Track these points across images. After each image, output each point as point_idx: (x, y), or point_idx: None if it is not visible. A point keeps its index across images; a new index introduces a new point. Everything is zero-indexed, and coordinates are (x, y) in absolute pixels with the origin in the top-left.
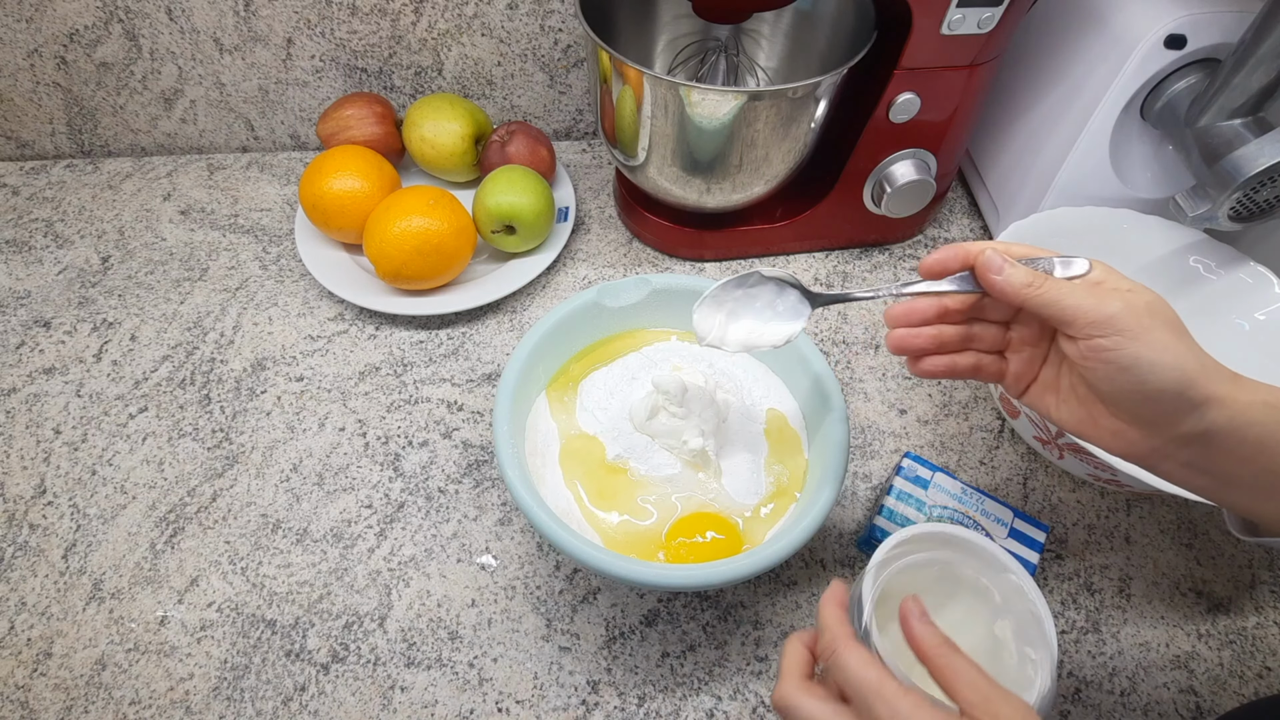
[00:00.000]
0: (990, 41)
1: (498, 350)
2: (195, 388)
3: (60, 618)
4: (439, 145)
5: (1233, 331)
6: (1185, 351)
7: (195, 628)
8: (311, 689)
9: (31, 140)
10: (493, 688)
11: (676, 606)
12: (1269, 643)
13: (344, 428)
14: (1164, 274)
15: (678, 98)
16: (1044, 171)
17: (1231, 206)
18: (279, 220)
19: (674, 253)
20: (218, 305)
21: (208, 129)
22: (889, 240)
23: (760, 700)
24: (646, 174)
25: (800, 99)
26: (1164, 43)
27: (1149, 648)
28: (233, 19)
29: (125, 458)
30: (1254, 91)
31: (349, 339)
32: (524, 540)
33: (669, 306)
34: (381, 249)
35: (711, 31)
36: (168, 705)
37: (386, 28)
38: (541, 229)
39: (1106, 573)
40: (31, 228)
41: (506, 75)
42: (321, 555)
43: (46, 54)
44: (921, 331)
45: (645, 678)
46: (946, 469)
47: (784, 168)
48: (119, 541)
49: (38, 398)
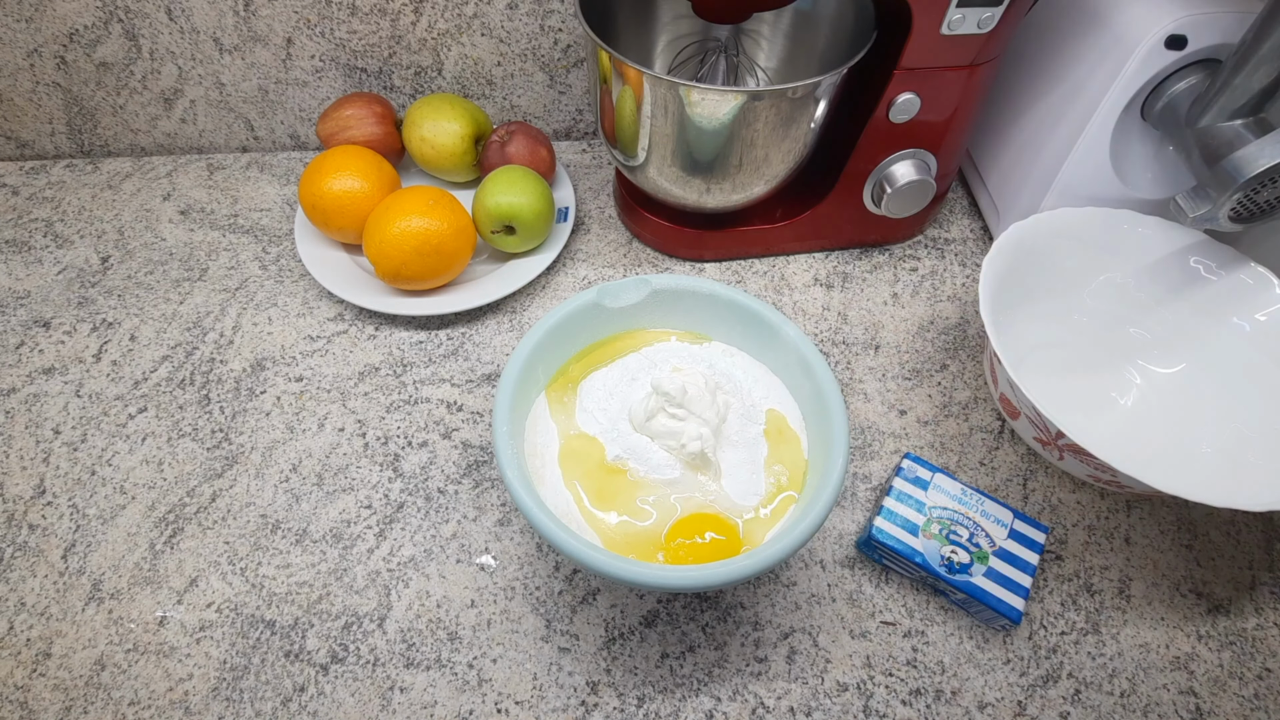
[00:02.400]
0: (990, 41)
1: (497, 350)
2: (195, 388)
3: (59, 618)
4: (439, 145)
5: (1233, 332)
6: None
7: (194, 628)
8: (311, 689)
9: (31, 140)
10: (492, 688)
11: (676, 607)
12: (1269, 644)
13: (343, 428)
14: (1164, 274)
15: (678, 98)
16: (1044, 172)
17: (1232, 207)
18: (279, 220)
19: (674, 253)
20: (217, 305)
21: (208, 129)
22: (889, 240)
23: (760, 701)
24: (646, 174)
25: (800, 99)
26: (1164, 43)
27: (1149, 649)
28: (233, 19)
29: (125, 458)
30: (1255, 92)
31: (349, 339)
32: (523, 541)
33: (669, 307)
34: (381, 249)
35: (711, 31)
36: (167, 706)
37: (386, 28)
38: (541, 229)
39: (1106, 574)
40: (31, 228)
41: (506, 75)
42: (321, 556)
43: (46, 54)
44: None
45: (645, 678)
46: (947, 469)
47: (784, 168)
48: (118, 542)
49: (37, 398)
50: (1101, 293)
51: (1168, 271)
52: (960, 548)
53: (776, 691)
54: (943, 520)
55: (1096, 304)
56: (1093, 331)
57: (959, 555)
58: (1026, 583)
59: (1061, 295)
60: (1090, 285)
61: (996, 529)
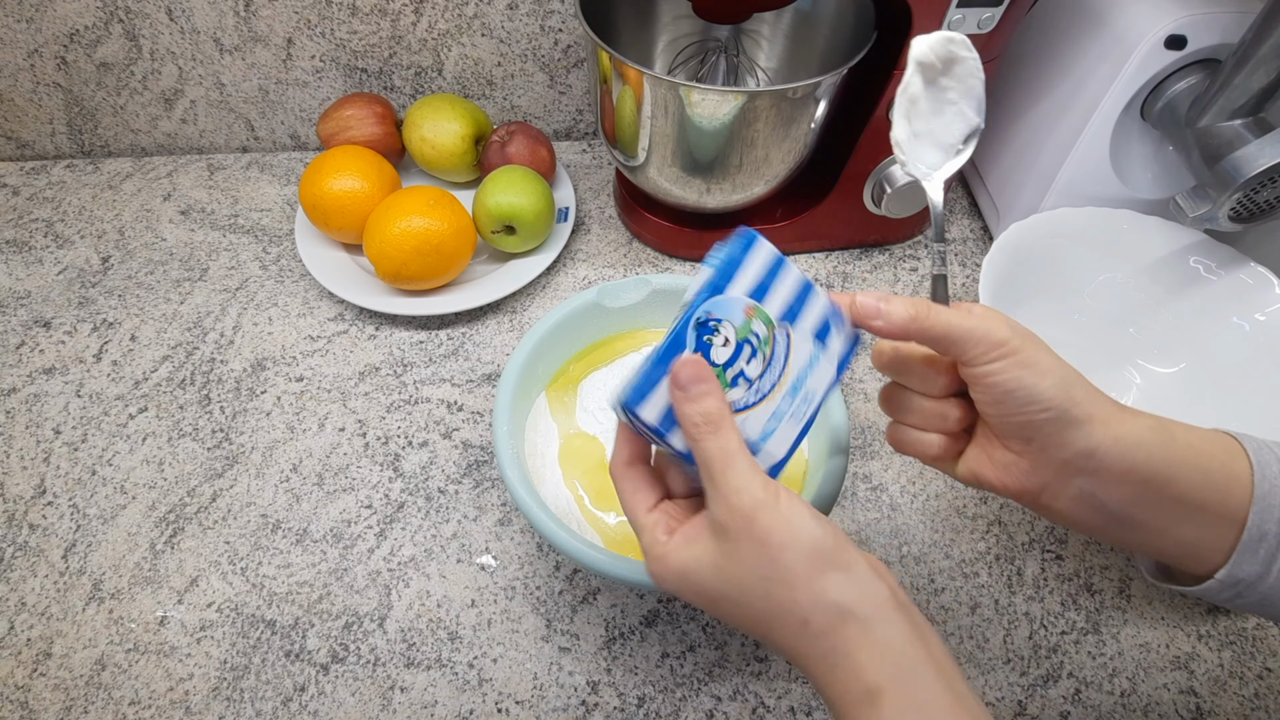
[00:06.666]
0: (990, 41)
1: (498, 350)
2: (195, 388)
3: (60, 618)
4: (439, 145)
5: (1233, 332)
6: (1068, 373)
7: (195, 628)
8: (311, 689)
9: (31, 140)
10: (492, 688)
11: (676, 607)
12: (1269, 643)
13: (344, 428)
14: (1164, 274)
15: (678, 98)
16: (1044, 171)
17: (1232, 207)
18: (279, 220)
19: (674, 253)
20: (218, 305)
21: (208, 129)
22: (889, 241)
23: (760, 701)
24: (646, 174)
25: (800, 99)
26: (1164, 43)
27: (1149, 648)
28: (233, 19)
29: (125, 458)
30: (1254, 92)
31: (349, 339)
32: (524, 540)
33: (669, 307)
34: (381, 249)
35: (711, 32)
36: (167, 705)
37: (386, 28)
38: (541, 229)
39: (1107, 573)
40: (31, 228)
41: (506, 75)
42: (321, 555)
43: (47, 54)
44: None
45: (645, 678)
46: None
47: (784, 168)
48: (119, 542)
49: (38, 398)
50: (1101, 293)
51: (1168, 271)
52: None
53: (777, 691)
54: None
55: (1096, 304)
56: (1092, 331)
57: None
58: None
59: (1061, 295)
60: (1090, 285)
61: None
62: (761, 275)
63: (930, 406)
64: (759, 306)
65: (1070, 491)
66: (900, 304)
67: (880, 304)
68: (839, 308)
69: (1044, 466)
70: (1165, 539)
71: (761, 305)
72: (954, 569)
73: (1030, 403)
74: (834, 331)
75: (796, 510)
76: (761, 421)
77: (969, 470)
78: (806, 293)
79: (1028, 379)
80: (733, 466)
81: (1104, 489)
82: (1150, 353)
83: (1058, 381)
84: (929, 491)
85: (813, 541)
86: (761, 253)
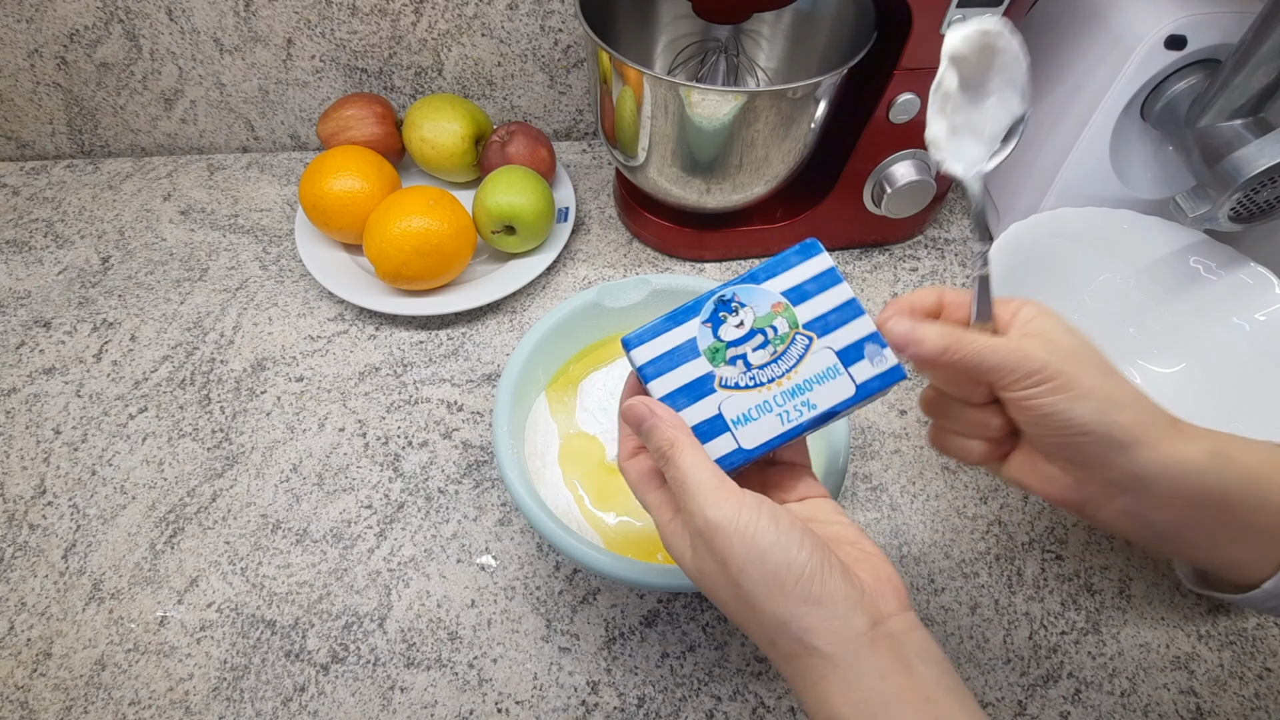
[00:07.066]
0: None
1: (498, 350)
2: (195, 388)
3: (60, 618)
4: (439, 145)
5: (1233, 332)
6: (1115, 392)
7: (195, 628)
8: (311, 689)
9: (31, 140)
10: (492, 688)
11: (676, 607)
12: (1269, 643)
13: (344, 428)
14: (1164, 274)
15: (678, 98)
16: (1044, 171)
17: (1232, 207)
18: (279, 220)
19: (674, 253)
20: (218, 305)
21: (208, 129)
22: (889, 241)
23: (760, 701)
24: (646, 174)
25: (800, 99)
26: (1164, 43)
27: (1149, 648)
28: (233, 19)
29: (125, 458)
30: (1254, 92)
31: (349, 339)
32: (524, 540)
33: (669, 307)
34: (381, 249)
35: (711, 32)
36: (167, 705)
37: (386, 28)
38: (541, 229)
39: (1107, 573)
40: (31, 228)
41: (506, 75)
42: (321, 555)
43: (47, 54)
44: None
45: (645, 678)
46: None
47: (784, 168)
48: (119, 542)
49: (38, 398)
50: (1101, 293)
51: (1168, 271)
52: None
53: (777, 691)
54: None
55: (1096, 304)
56: (1092, 331)
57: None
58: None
59: (1061, 295)
60: (1090, 285)
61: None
62: (804, 281)
63: (971, 414)
64: (790, 306)
65: (1115, 506)
66: (932, 335)
67: (911, 333)
68: (882, 338)
69: (1087, 482)
70: (1213, 554)
71: (794, 307)
72: (954, 569)
73: (1066, 427)
74: (867, 358)
75: (762, 531)
76: (744, 406)
77: (1013, 477)
78: (850, 312)
79: (1062, 404)
80: (687, 490)
81: (1151, 510)
82: (1150, 353)
83: (1098, 405)
84: (929, 491)
85: (776, 567)
86: (815, 263)
